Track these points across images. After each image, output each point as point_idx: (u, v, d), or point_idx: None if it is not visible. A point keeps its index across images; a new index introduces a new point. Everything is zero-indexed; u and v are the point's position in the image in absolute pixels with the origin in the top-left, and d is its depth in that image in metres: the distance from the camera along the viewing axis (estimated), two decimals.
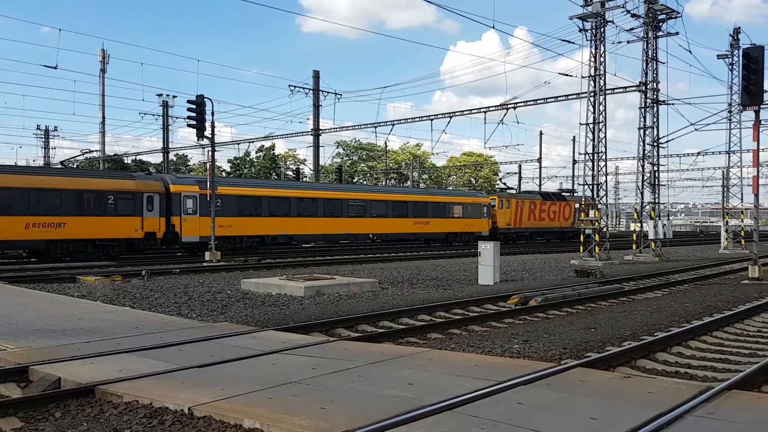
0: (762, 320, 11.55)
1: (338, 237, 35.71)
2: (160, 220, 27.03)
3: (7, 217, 22.87)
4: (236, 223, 29.48)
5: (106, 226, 25.38)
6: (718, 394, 5.59)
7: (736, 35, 34.78)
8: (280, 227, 31.34)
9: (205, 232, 26.94)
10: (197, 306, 12.90)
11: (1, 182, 23.12)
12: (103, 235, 25.47)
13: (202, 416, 5.10)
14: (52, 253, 24.08)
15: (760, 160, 18.92)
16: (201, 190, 28.06)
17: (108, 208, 25.43)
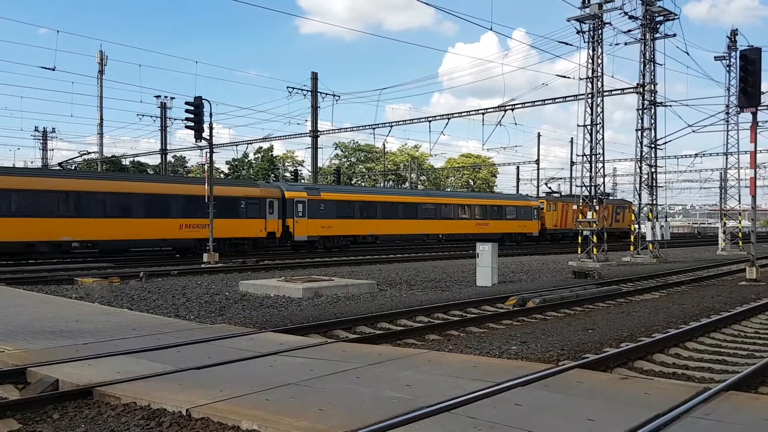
0: (759, 322, 11.58)
1: (414, 237, 39.40)
2: (279, 222, 31.46)
3: (167, 219, 27.59)
4: (335, 224, 33.82)
5: (239, 227, 29.86)
6: (715, 396, 5.60)
7: (733, 37, 34.84)
8: (368, 228, 35.84)
9: (312, 232, 32.48)
10: (195, 308, 12.89)
11: (161, 189, 28.15)
12: (237, 235, 29.87)
13: (200, 418, 5.10)
14: (197, 250, 27.76)
15: (757, 161, 18.96)
16: (308, 196, 32.67)
17: (240, 211, 29.91)
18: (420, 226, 38.51)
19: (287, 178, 67.69)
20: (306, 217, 32.30)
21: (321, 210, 32.72)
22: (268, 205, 30.98)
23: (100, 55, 59.05)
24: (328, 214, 33.17)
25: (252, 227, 30.40)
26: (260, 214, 30.64)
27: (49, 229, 23.86)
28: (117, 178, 30.90)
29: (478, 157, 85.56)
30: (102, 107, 58.51)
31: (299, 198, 32.42)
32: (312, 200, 32.52)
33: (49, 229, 23.86)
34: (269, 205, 31.05)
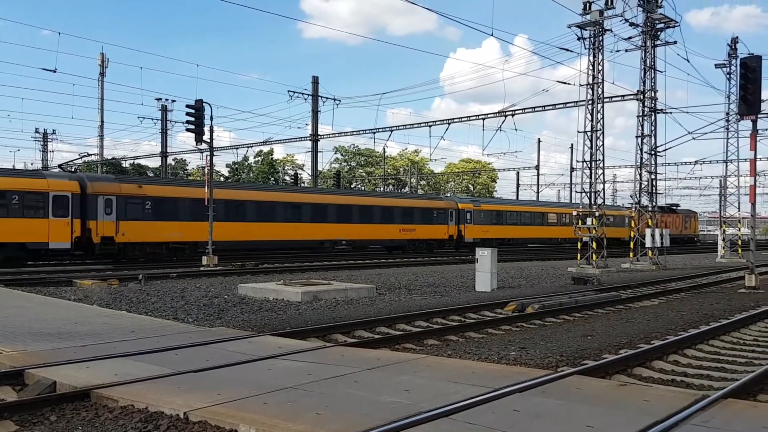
0: (758, 329, 11.56)
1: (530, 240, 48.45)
2: (456, 227, 40.82)
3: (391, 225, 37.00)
4: (490, 229, 42.99)
5: (433, 231, 39.54)
6: (713, 403, 5.59)
7: (733, 45, 34.92)
8: (514, 233, 45.42)
9: (475, 235, 41.57)
10: (194, 310, 12.88)
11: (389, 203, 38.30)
12: (431, 237, 39.46)
13: (198, 421, 5.09)
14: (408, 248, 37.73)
15: (757, 169, 18.97)
16: (473, 207, 42.49)
17: (433, 219, 39.49)
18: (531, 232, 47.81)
19: (287, 181, 67.71)
20: (472, 223, 41.74)
21: (481, 218, 42.44)
22: (449, 215, 40.40)
23: (102, 57, 59.08)
24: (486, 221, 42.89)
25: (440, 231, 40.00)
26: (445, 221, 40.16)
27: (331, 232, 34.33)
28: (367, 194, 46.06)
29: (478, 162, 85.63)
30: (103, 109, 58.48)
31: (467, 209, 41.86)
32: (475, 210, 42.30)
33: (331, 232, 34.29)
34: (450, 214, 40.44)
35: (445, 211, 40.36)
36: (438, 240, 39.88)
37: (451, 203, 41.49)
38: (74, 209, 24.99)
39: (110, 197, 26.25)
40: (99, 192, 26.00)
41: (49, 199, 24.51)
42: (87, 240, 25.59)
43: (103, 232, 25.82)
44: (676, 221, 58.36)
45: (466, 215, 41.46)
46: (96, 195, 25.83)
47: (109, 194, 26.29)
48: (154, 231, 27.31)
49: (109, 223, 25.95)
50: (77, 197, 25.27)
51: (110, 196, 26.27)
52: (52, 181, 25.22)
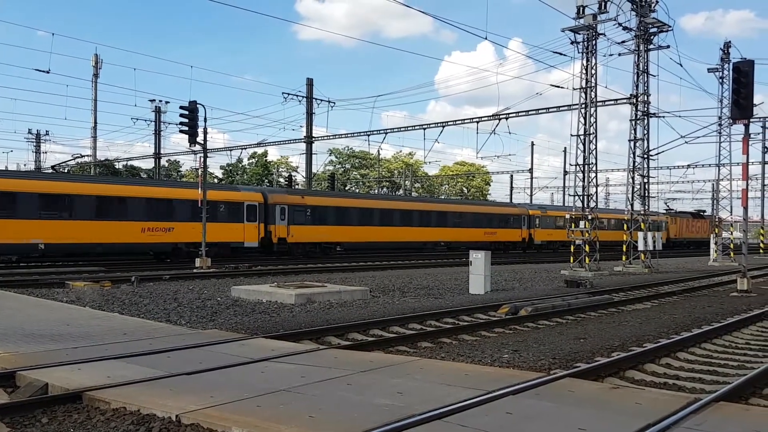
0: (750, 332, 11.61)
1: None
2: (528, 231, 46.44)
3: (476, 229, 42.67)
4: (554, 233, 47.30)
5: (510, 234, 45.17)
6: (705, 406, 5.61)
7: (726, 49, 35.12)
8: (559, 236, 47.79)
9: (544, 238, 47.17)
10: (187, 313, 12.84)
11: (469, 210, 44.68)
12: (508, 239, 45.07)
13: (190, 424, 5.07)
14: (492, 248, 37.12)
15: (749, 173, 19.08)
16: (541, 213, 47.87)
17: (510, 224, 45.29)
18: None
19: (281, 183, 67.66)
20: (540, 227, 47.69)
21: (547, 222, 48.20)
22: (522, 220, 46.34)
23: (95, 58, 58.96)
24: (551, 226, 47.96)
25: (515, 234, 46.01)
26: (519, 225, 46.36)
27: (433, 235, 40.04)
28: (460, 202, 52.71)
29: (472, 165, 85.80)
30: (96, 110, 58.39)
31: (536, 215, 47.65)
32: (542, 216, 48.00)
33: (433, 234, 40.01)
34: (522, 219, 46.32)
35: (519, 217, 46.23)
36: (513, 242, 45.56)
37: (523, 210, 47.16)
38: (260, 216, 31.01)
39: (283, 206, 32.18)
40: (276, 202, 31.96)
41: (243, 208, 30.53)
42: (268, 240, 31.50)
43: (279, 234, 31.83)
44: (704, 226, 63.74)
45: (535, 220, 47.07)
46: (274, 204, 31.83)
47: (282, 203, 32.23)
48: (312, 233, 33.51)
49: (282, 227, 32.07)
50: (262, 206, 31.23)
51: (283, 205, 32.19)
52: (245, 194, 31.65)
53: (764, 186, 53.65)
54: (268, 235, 31.34)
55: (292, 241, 32.37)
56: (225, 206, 29.84)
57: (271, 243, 31.50)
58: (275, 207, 31.84)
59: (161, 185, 32.38)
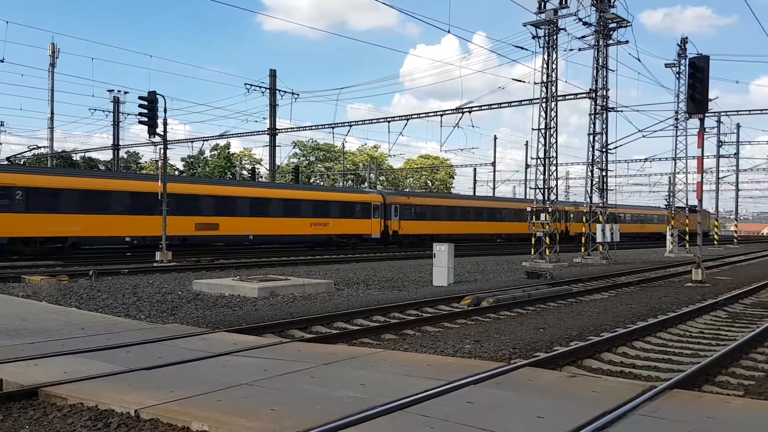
0: (704, 322, 11.96)
1: None
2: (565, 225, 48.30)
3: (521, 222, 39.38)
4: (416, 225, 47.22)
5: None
6: (660, 394, 5.76)
7: (683, 45, 35.89)
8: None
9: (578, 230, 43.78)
10: (146, 307, 12.64)
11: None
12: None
13: (149, 419, 5.01)
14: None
15: (704, 166, 19.61)
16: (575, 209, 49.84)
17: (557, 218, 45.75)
18: None
19: (244, 176, 66.95)
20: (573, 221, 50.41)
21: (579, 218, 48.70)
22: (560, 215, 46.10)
23: (52, 47, 57.22)
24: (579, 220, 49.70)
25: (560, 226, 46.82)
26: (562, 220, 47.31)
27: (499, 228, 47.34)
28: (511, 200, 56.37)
29: (437, 159, 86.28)
30: (53, 101, 56.69)
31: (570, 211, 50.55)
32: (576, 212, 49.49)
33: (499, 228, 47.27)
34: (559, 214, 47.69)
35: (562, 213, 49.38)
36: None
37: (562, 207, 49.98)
38: (381, 213, 38.82)
39: (396, 205, 39.94)
40: (391, 202, 39.84)
41: (371, 207, 38.51)
42: (385, 233, 38.99)
43: (393, 228, 39.56)
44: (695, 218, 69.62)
45: (569, 215, 50.88)
46: (390, 204, 39.60)
47: (395, 203, 40.00)
48: (415, 227, 41.00)
49: (396, 222, 39.77)
50: (382, 206, 38.99)
51: (396, 205, 39.94)
52: (372, 196, 40.11)
53: (719, 179, 55.31)
54: (386, 229, 38.93)
55: (402, 234, 39.95)
56: (360, 206, 38.01)
57: (387, 235, 39.04)
58: (391, 206, 39.54)
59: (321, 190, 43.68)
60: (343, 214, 36.85)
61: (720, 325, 11.52)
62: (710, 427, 4.86)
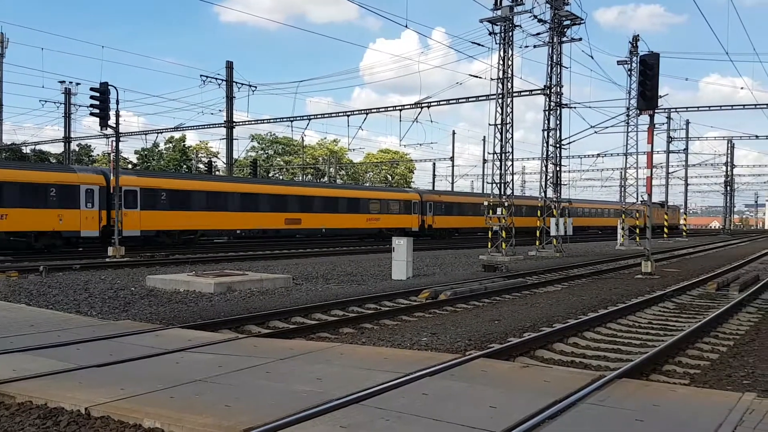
0: (652, 313, 12.33)
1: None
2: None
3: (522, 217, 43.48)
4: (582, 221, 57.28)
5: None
6: (609, 383, 5.93)
7: (635, 43, 36.72)
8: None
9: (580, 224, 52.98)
10: (98, 303, 12.37)
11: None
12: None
13: (100, 416, 4.92)
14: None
15: (654, 161, 20.18)
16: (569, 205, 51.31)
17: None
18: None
19: (200, 169, 65.90)
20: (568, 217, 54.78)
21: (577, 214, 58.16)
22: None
23: (0, 36, 55.12)
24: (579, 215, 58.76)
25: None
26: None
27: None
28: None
29: (396, 153, 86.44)
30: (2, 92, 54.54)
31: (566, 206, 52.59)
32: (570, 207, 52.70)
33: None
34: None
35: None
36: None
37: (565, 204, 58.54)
38: (419, 209, 44.47)
39: (431, 202, 45.37)
40: (427, 200, 45.35)
41: (411, 204, 44.21)
42: (422, 226, 44.46)
43: (428, 222, 44.99)
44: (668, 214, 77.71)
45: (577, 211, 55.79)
46: (426, 201, 45.16)
47: (430, 201, 45.48)
48: (445, 222, 46.29)
49: (430, 217, 45.24)
50: (419, 203, 44.67)
51: (431, 202, 45.41)
52: (411, 194, 46.08)
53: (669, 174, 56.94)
54: (422, 223, 44.68)
55: (435, 227, 45.32)
56: (403, 203, 44.08)
57: (423, 228, 44.39)
58: (426, 203, 45.03)
59: (375, 190, 47.81)
60: (391, 210, 43.25)
61: (668, 316, 11.90)
62: (656, 415, 5.02)
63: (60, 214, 25.76)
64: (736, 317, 11.60)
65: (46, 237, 25.85)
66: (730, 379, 7.18)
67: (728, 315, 11.56)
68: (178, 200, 30.12)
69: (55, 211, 25.66)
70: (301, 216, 36.09)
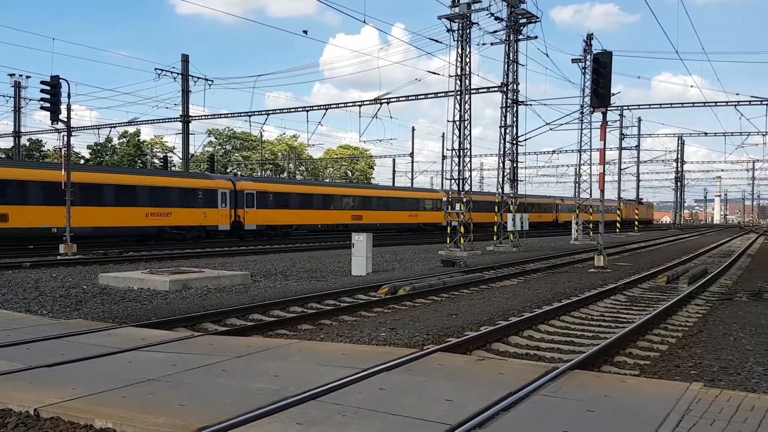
0: (605, 305, 12.63)
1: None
2: None
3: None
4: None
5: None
6: (562, 374, 6.07)
7: (589, 41, 37.48)
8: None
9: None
10: (49, 302, 12.03)
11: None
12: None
13: (50, 417, 4.80)
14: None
15: (606, 158, 20.65)
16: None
17: None
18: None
19: (155, 165, 64.61)
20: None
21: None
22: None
23: None
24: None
25: None
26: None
27: None
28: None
29: (357, 149, 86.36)
30: None
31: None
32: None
33: None
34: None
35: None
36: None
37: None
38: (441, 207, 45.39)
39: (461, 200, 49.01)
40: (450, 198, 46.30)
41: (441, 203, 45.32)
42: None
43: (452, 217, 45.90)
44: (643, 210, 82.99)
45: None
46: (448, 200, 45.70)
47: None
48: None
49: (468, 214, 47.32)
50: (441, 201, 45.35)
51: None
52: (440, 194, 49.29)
53: (621, 170, 58.33)
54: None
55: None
56: (432, 202, 49.59)
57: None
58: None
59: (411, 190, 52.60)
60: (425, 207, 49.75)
61: (619, 309, 12.21)
62: (606, 405, 5.16)
63: (204, 213, 32.45)
64: (685, 309, 11.96)
65: (195, 230, 32.20)
66: (678, 369, 7.38)
67: (677, 307, 11.92)
68: (281, 201, 37.11)
69: (201, 210, 32.33)
70: (363, 213, 43.34)
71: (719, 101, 39.78)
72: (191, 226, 31.92)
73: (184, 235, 31.55)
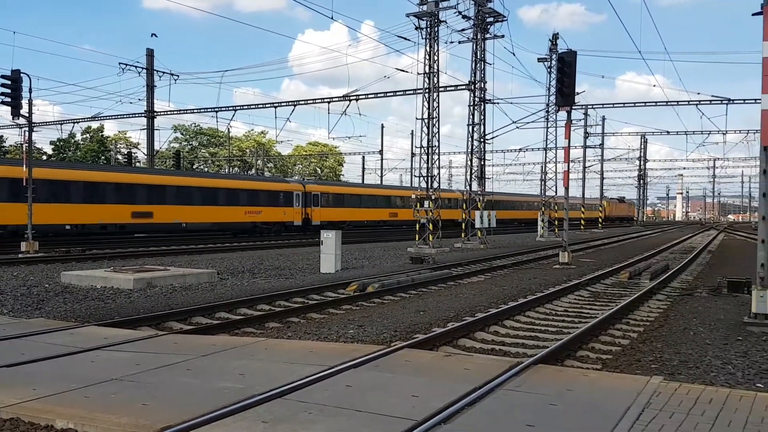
0: (568, 301, 12.85)
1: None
2: None
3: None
4: None
5: None
6: (525, 369, 6.17)
7: (554, 40, 37.86)
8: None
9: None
10: (9, 301, 11.75)
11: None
12: None
13: (9, 418, 4.70)
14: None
15: (571, 156, 20.98)
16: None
17: None
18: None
19: (119, 160, 63.49)
20: None
21: None
22: None
23: None
24: None
25: None
26: None
27: None
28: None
29: (326, 146, 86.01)
30: None
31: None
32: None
33: None
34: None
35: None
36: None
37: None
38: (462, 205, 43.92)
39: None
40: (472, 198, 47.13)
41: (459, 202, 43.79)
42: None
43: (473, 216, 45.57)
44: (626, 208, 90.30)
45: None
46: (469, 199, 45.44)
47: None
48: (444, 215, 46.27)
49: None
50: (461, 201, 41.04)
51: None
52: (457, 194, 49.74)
53: (585, 168, 59.29)
54: None
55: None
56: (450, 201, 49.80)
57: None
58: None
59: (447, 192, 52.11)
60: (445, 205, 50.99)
61: (583, 304, 12.43)
62: (568, 398, 5.27)
63: (284, 211, 38.72)
64: (646, 304, 12.22)
65: (277, 225, 38.23)
66: (639, 363, 7.54)
67: (639, 302, 12.18)
68: (339, 200, 43.77)
69: (282, 209, 38.59)
70: (397, 211, 49.29)
71: (681, 101, 40.67)
72: (275, 222, 38.16)
73: (270, 229, 37.61)
